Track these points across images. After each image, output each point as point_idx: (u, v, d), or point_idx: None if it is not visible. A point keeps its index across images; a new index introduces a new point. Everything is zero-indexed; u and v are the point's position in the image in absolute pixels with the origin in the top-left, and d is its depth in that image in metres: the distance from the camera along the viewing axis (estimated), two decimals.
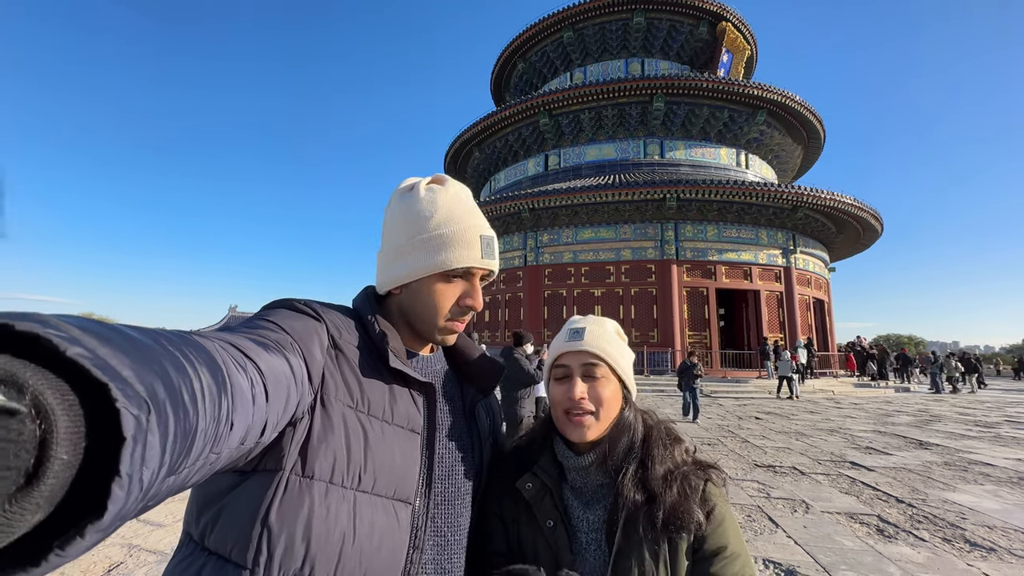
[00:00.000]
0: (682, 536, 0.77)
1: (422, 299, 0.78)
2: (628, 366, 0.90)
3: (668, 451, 0.85)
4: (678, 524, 0.77)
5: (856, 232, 22.27)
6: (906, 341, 74.45)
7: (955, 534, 3.66)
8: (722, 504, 0.82)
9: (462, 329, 0.82)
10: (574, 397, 0.84)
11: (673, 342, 18.24)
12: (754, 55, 29.52)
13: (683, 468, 0.83)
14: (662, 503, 0.78)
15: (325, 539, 0.60)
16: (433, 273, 0.77)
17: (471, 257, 0.78)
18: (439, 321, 0.79)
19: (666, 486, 0.80)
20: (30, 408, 0.23)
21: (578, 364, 0.87)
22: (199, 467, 0.38)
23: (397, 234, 0.79)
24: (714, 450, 6.75)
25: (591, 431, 0.84)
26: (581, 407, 0.84)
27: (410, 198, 0.80)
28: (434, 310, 0.78)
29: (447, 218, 0.78)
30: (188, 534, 0.64)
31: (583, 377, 0.86)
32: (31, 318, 0.25)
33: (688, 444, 0.90)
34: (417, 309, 0.79)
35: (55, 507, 0.25)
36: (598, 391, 0.85)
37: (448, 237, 0.77)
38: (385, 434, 0.69)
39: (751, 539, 3.51)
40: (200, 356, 0.39)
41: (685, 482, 0.81)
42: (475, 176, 30.06)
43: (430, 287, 0.78)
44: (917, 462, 6.14)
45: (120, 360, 0.28)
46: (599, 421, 0.84)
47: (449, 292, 0.78)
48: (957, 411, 12.20)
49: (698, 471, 0.84)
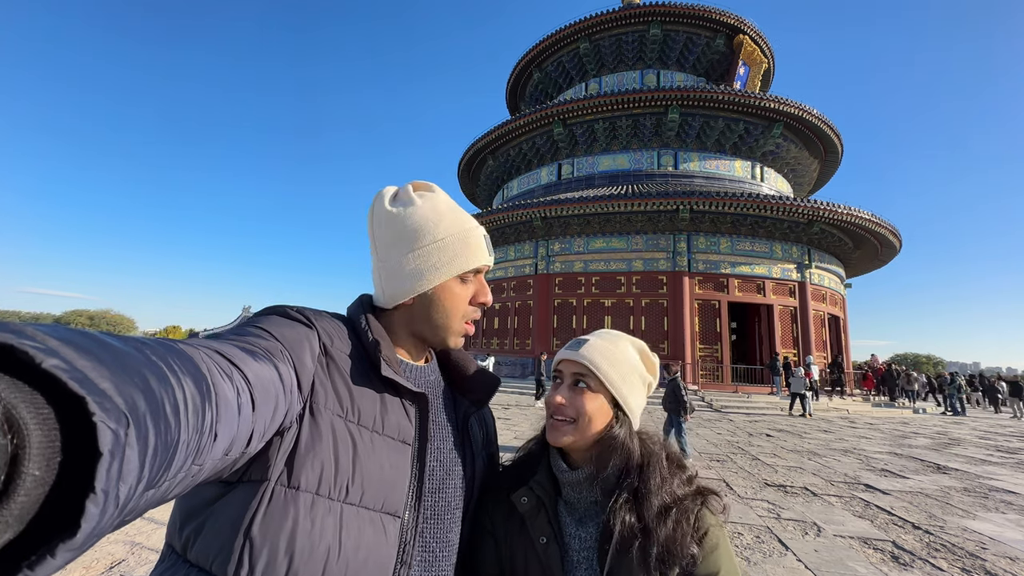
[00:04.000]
0: (674, 568, 0.76)
1: (438, 304, 0.79)
2: (625, 386, 0.88)
3: (666, 481, 0.83)
4: (671, 559, 0.76)
5: (874, 248, 21.85)
6: (924, 360, 72.64)
7: (975, 564, 3.51)
8: (716, 530, 0.81)
9: (472, 331, 0.84)
10: (553, 402, 0.87)
11: (684, 355, 17.99)
12: (771, 68, 29.36)
13: (683, 502, 0.81)
14: (656, 539, 0.76)
15: (309, 553, 0.58)
16: (450, 278, 0.79)
17: (481, 257, 0.82)
18: (456, 324, 0.81)
19: (661, 521, 0.78)
20: (1, 422, 0.22)
21: (569, 372, 0.89)
22: (180, 479, 0.38)
23: (402, 245, 0.78)
24: (723, 467, 6.62)
25: (566, 437, 0.85)
26: (561, 412, 0.86)
27: (406, 208, 0.79)
28: (452, 313, 0.80)
29: (452, 222, 0.80)
30: (170, 546, 0.62)
31: (570, 385, 0.88)
32: (6, 328, 0.25)
33: (691, 471, 0.88)
34: (433, 316, 0.80)
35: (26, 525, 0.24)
36: (581, 401, 0.86)
37: (459, 240, 0.79)
38: (375, 445, 0.67)
39: (759, 562, 3.41)
40: (184, 365, 0.38)
41: (682, 516, 0.79)
42: (488, 183, 30.23)
43: (445, 292, 0.79)
44: (935, 487, 5.94)
45: (99, 372, 0.27)
46: (576, 429, 0.85)
47: (464, 293, 0.81)
48: (977, 435, 11.82)
49: (696, 498, 0.83)
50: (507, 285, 22.30)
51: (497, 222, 20.84)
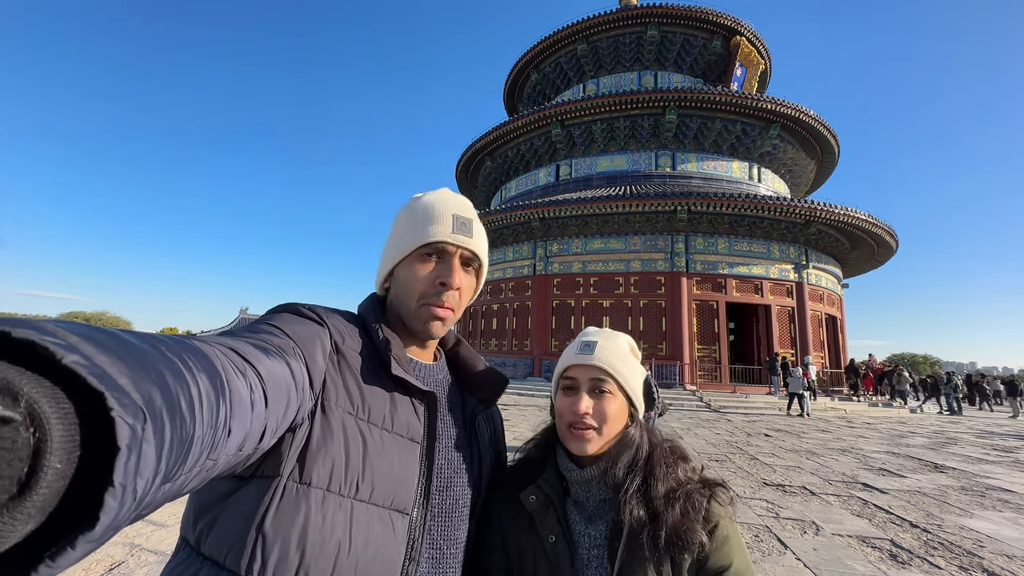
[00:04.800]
0: (684, 556, 0.76)
1: (402, 284, 0.79)
2: (637, 384, 0.89)
3: (672, 469, 0.84)
4: (680, 544, 0.76)
5: (871, 248, 21.94)
6: (921, 360, 72.91)
7: (972, 562, 3.53)
8: (726, 522, 0.80)
9: (445, 316, 0.79)
10: (579, 412, 0.83)
11: (682, 355, 18.04)
12: (768, 70, 29.46)
13: (687, 487, 0.82)
14: (664, 522, 0.77)
15: (320, 548, 0.59)
16: (409, 253, 0.78)
17: (441, 232, 0.78)
18: (414, 302, 0.78)
19: (668, 505, 0.79)
20: (24, 416, 0.23)
21: (586, 378, 0.86)
22: (196, 474, 0.38)
23: (389, 235, 0.83)
24: (722, 467, 6.63)
25: (592, 445, 0.83)
26: (584, 422, 0.83)
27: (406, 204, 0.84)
28: (410, 291, 0.78)
29: (423, 204, 0.81)
30: (184, 539, 0.63)
31: (590, 392, 0.85)
32: (28, 325, 0.25)
33: (695, 462, 0.89)
34: (401, 297, 0.80)
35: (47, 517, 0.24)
36: (603, 407, 0.84)
37: (416, 215, 0.80)
38: (384, 442, 0.68)
39: (758, 560, 3.42)
40: (199, 362, 0.39)
41: (688, 501, 0.80)
42: (486, 185, 30.22)
43: (408, 270, 0.79)
44: (932, 486, 5.96)
45: (117, 368, 0.27)
46: (601, 436, 0.84)
47: (423, 271, 0.78)
48: (974, 434, 11.87)
49: (703, 489, 0.83)
50: (505, 286, 22.29)
51: (495, 223, 20.83)
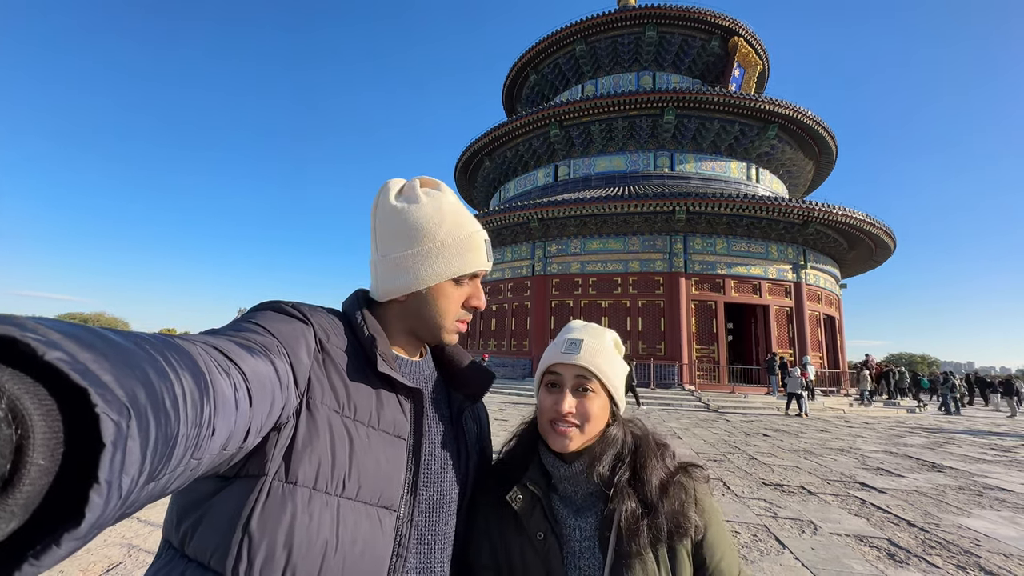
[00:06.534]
0: (684, 542, 0.79)
1: (431, 303, 0.80)
2: (620, 382, 0.90)
3: (659, 460, 0.86)
4: (680, 532, 0.78)
5: (868, 248, 21.97)
6: (919, 360, 73.02)
7: (969, 561, 3.54)
8: (707, 499, 0.85)
9: (465, 329, 0.85)
10: (562, 411, 0.84)
11: (680, 355, 18.04)
12: (766, 70, 29.50)
13: (676, 476, 0.85)
14: (662, 513, 0.79)
15: (307, 547, 0.59)
16: (445, 280, 0.79)
17: (480, 261, 0.82)
18: (448, 323, 0.82)
19: (663, 495, 0.81)
20: (6, 413, 0.23)
21: (571, 376, 0.86)
22: (180, 473, 0.38)
23: (401, 242, 0.78)
24: (720, 466, 6.63)
25: (573, 443, 0.84)
26: (567, 420, 0.84)
27: (410, 205, 0.78)
28: (443, 313, 0.81)
29: (455, 224, 0.79)
30: (167, 541, 0.63)
31: (573, 390, 0.86)
32: (9, 321, 0.25)
33: (671, 449, 0.92)
34: (425, 313, 0.80)
35: (31, 515, 0.24)
36: (586, 406, 0.85)
37: (460, 243, 0.80)
38: (371, 440, 0.68)
39: (757, 560, 3.42)
40: (182, 360, 0.39)
41: (681, 490, 0.83)
42: (485, 185, 30.21)
43: (440, 291, 0.80)
44: (930, 485, 5.97)
45: (100, 365, 0.27)
46: (583, 434, 0.85)
47: (458, 295, 0.82)
48: (971, 433, 11.89)
49: (686, 474, 0.87)
50: (504, 286, 22.27)
51: (494, 223, 20.81)
